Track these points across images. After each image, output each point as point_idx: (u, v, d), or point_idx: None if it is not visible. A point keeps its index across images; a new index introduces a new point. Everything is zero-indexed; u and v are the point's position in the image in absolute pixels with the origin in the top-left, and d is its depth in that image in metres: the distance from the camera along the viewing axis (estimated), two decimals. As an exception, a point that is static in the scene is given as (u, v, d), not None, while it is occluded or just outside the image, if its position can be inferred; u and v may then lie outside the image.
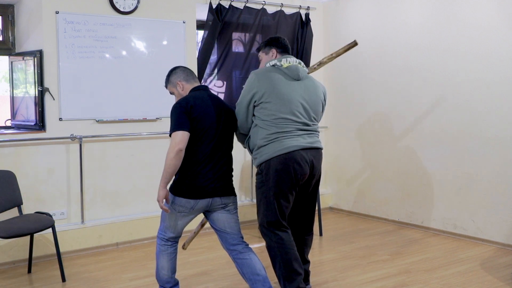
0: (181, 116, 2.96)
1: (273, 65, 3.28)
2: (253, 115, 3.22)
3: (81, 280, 3.88)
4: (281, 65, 3.25)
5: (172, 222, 3.11)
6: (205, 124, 3.01)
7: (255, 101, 3.17)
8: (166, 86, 3.26)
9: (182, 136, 2.92)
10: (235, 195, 3.19)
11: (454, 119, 4.83)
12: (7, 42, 4.60)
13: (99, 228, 4.61)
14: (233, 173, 3.21)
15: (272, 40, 3.39)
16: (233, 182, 3.22)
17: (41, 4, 4.31)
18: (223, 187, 3.09)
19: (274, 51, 3.36)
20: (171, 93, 3.25)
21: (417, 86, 5.13)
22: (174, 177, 3.08)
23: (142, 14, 4.78)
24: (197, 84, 3.20)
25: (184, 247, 3.77)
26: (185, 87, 3.17)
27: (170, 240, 3.19)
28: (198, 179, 3.01)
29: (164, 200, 2.99)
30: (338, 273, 3.95)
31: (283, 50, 3.37)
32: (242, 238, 3.20)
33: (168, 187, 3.05)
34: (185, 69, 3.23)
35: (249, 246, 3.20)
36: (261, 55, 3.43)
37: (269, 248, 3.24)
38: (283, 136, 3.14)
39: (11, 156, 4.24)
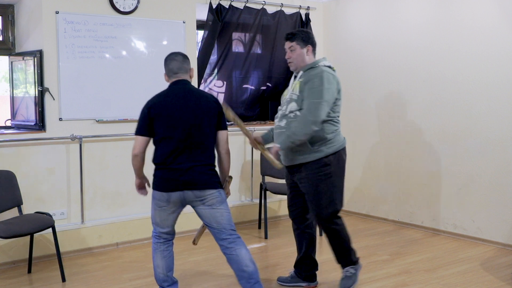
0: (141, 119, 3.08)
1: (328, 66, 3.39)
2: None
3: (81, 280, 3.88)
4: (332, 67, 3.41)
5: (156, 216, 3.18)
6: (171, 120, 3.02)
7: (336, 98, 3.33)
8: None
9: (137, 141, 3.07)
10: (214, 188, 3.08)
11: (454, 119, 4.83)
12: (7, 42, 4.60)
13: (99, 228, 4.61)
14: (213, 167, 3.13)
15: (310, 37, 3.44)
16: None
17: (41, 4, 4.31)
18: (194, 180, 3.03)
19: (310, 48, 3.44)
20: None
21: (417, 86, 5.13)
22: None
23: (142, 14, 4.78)
24: (177, 78, 3.15)
25: (194, 243, 3.70)
26: (167, 80, 3.21)
27: (162, 237, 3.21)
28: (167, 172, 3.05)
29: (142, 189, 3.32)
30: (338, 273, 3.94)
31: (315, 49, 3.48)
32: (233, 231, 3.12)
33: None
34: (171, 61, 3.16)
35: (239, 239, 3.12)
36: (295, 46, 3.40)
37: (339, 233, 3.50)
38: (339, 130, 3.44)
39: (11, 156, 4.24)
